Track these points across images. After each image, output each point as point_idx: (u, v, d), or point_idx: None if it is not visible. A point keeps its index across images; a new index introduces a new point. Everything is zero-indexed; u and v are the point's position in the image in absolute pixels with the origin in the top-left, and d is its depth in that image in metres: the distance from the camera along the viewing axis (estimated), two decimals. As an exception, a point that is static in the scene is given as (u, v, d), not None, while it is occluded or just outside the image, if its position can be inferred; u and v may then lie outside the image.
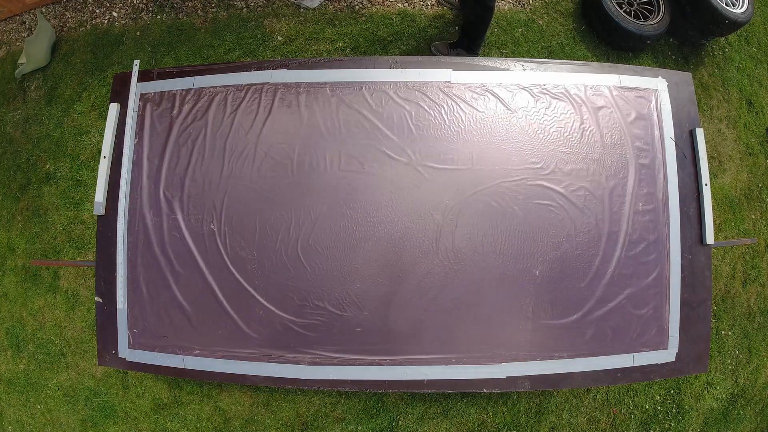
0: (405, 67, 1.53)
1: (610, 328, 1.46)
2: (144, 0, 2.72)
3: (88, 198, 2.49)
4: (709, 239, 1.48)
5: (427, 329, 1.44)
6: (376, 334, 1.44)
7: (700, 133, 1.53)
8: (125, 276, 1.49)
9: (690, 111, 1.56)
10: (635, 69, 1.58)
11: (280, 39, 2.59)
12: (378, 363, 1.44)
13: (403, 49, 2.57)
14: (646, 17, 2.59)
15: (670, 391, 2.37)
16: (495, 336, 1.45)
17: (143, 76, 1.58)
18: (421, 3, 2.68)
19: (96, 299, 1.51)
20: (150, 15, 2.70)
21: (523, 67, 1.55)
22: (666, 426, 2.34)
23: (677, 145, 1.53)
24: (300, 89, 1.52)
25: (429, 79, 1.52)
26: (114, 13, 2.74)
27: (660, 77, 1.57)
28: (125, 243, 1.49)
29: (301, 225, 1.46)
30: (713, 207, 1.77)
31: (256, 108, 1.51)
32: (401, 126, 1.49)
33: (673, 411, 2.35)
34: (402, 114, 1.49)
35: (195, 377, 1.59)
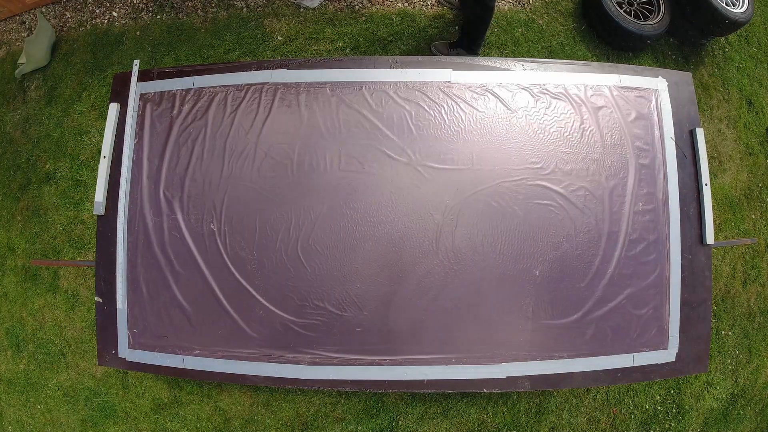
0: (405, 67, 1.53)
1: (610, 328, 1.46)
2: (144, 0, 2.72)
3: (88, 198, 2.49)
4: (709, 239, 1.48)
5: (427, 329, 1.44)
6: (376, 334, 1.44)
7: (700, 133, 1.53)
8: (125, 276, 1.49)
9: (690, 111, 1.56)
10: (635, 69, 1.58)
11: (280, 39, 2.59)
12: (378, 363, 1.44)
13: (403, 49, 2.57)
14: (646, 17, 2.59)
15: (670, 391, 2.36)
16: (495, 336, 1.45)
17: (143, 75, 1.58)
18: (421, 3, 2.68)
19: (96, 299, 1.51)
20: (150, 15, 2.70)
21: (523, 67, 1.55)
22: (666, 426, 2.34)
23: (677, 145, 1.52)
24: (300, 89, 1.51)
25: (429, 79, 1.52)
26: (114, 13, 2.74)
27: (660, 77, 1.57)
28: (125, 243, 1.49)
29: (301, 225, 1.46)
30: (713, 207, 1.77)
31: (256, 108, 1.51)
32: (401, 126, 1.49)
33: (673, 411, 2.35)
34: (402, 114, 1.49)
35: (195, 377, 1.59)
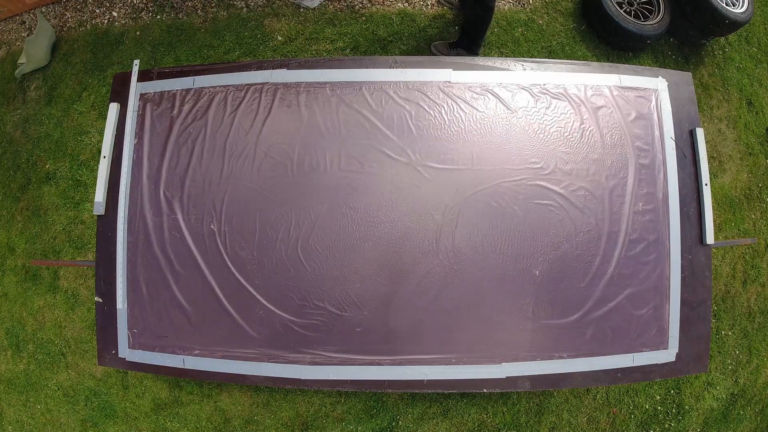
0: (405, 67, 1.53)
1: (610, 328, 1.46)
2: (144, 0, 2.72)
3: (88, 198, 2.49)
4: (709, 239, 1.48)
5: (427, 329, 1.44)
6: (376, 334, 1.44)
7: (700, 133, 1.53)
8: (125, 276, 1.49)
9: (690, 111, 1.56)
10: (635, 69, 1.58)
11: (280, 39, 2.59)
12: (378, 363, 1.44)
13: (403, 49, 2.57)
14: (646, 17, 2.59)
15: (670, 391, 2.36)
16: (495, 336, 1.44)
17: (143, 75, 1.58)
18: (421, 3, 2.68)
19: (96, 299, 1.51)
20: (150, 15, 2.69)
21: (523, 67, 1.55)
22: (666, 426, 2.34)
23: (677, 145, 1.52)
24: (300, 89, 1.51)
25: (429, 79, 1.52)
26: (114, 13, 2.74)
27: (660, 77, 1.57)
28: (125, 243, 1.49)
29: (301, 225, 1.46)
30: (713, 207, 1.77)
31: (256, 108, 1.51)
32: (401, 126, 1.49)
33: (673, 411, 2.35)
34: (402, 114, 1.49)
35: (195, 377, 1.59)
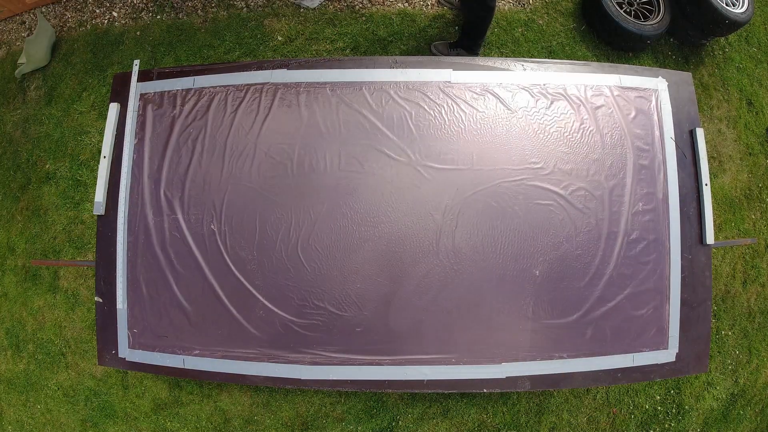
0: (405, 67, 1.53)
1: (610, 328, 1.46)
2: (144, 0, 2.72)
3: (88, 198, 2.49)
4: (709, 239, 1.48)
5: (427, 329, 1.44)
6: (376, 334, 1.44)
7: (700, 133, 1.53)
8: (125, 276, 1.49)
9: (690, 111, 1.56)
10: (635, 69, 1.58)
11: (280, 39, 2.59)
12: (378, 363, 1.44)
13: (403, 49, 2.57)
14: (646, 17, 2.59)
15: (670, 391, 2.36)
16: (495, 336, 1.45)
17: (143, 76, 1.58)
18: (421, 3, 2.68)
19: (96, 299, 1.51)
20: (150, 15, 2.69)
21: (523, 67, 1.55)
22: (666, 426, 2.34)
23: (677, 145, 1.52)
24: (300, 89, 1.51)
25: (429, 79, 1.52)
26: (114, 13, 2.74)
27: (660, 77, 1.57)
28: (125, 243, 1.49)
29: (301, 225, 1.46)
30: (713, 207, 1.77)
31: (256, 108, 1.51)
32: (401, 126, 1.49)
33: (673, 411, 2.35)
34: (402, 114, 1.49)
35: (195, 377, 1.59)
